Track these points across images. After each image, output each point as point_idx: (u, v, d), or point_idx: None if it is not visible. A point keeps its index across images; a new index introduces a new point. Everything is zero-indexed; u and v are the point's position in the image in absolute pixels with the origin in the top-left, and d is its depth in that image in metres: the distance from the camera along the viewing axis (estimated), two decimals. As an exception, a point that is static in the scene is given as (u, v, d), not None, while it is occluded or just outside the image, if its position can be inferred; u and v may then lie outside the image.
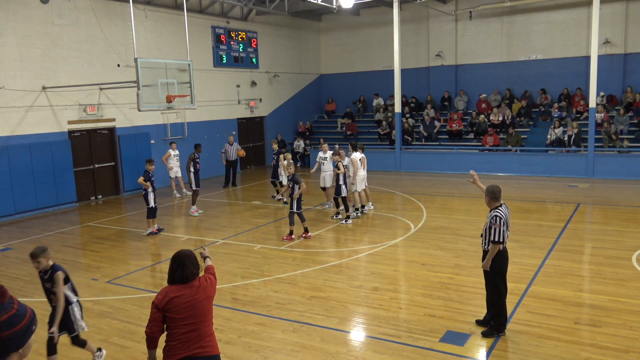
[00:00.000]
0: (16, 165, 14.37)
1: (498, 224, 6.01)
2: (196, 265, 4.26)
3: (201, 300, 4.15)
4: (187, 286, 4.15)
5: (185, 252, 4.28)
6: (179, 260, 4.20)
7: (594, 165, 17.73)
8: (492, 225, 6.06)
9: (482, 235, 6.31)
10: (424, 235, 11.14)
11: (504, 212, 6.15)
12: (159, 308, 4.07)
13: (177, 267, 4.18)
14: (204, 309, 4.16)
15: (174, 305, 4.05)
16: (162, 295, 4.10)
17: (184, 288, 4.13)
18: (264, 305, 7.62)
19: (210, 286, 4.29)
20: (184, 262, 4.18)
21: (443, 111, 23.26)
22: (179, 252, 4.26)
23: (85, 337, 6.04)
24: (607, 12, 19.58)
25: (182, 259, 4.19)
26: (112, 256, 10.57)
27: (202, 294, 4.17)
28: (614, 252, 9.59)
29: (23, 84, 14.47)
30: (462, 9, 22.49)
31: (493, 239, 6.04)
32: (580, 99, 20.36)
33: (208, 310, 4.22)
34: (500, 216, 6.06)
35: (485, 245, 6.24)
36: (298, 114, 25.30)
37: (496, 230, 6.01)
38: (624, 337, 6.20)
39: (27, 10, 14.47)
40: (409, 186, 17.44)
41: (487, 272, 6.31)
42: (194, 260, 4.26)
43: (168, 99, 13.85)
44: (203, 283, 4.24)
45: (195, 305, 4.11)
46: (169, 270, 4.24)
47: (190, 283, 4.17)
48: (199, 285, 4.20)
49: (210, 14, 20.38)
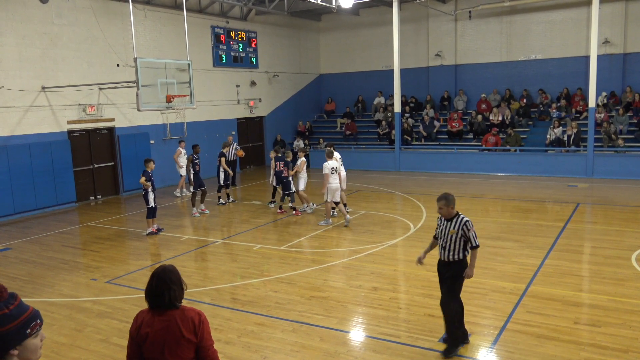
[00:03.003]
0: (16, 165, 14.36)
1: (474, 229, 5.88)
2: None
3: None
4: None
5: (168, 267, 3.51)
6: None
7: (594, 165, 17.74)
8: (469, 230, 5.84)
9: (443, 247, 5.95)
10: (423, 235, 11.13)
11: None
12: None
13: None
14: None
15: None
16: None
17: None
18: (264, 305, 7.62)
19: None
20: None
21: (442, 111, 23.26)
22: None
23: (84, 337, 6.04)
24: (607, 11, 19.58)
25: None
26: (111, 256, 10.56)
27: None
28: (614, 252, 9.59)
29: (22, 83, 14.46)
30: (462, 8, 22.49)
31: (473, 245, 5.85)
32: (580, 99, 20.37)
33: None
34: (470, 221, 5.90)
35: (452, 256, 5.90)
36: (298, 113, 25.30)
37: (474, 236, 5.84)
38: (623, 337, 6.20)
39: (27, 10, 14.46)
40: (408, 186, 17.44)
41: (456, 285, 6.00)
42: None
43: (167, 99, 13.85)
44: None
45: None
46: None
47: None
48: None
49: (209, 13, 20.37)
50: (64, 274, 9.50)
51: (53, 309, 7.75)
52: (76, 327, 7.12)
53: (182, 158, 16.50)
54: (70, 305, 7.93)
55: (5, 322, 2.19)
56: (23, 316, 2.25)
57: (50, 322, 7.17)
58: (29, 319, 2.27)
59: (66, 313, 7.62)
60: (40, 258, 10.58)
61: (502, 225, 11.91)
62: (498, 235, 11.00)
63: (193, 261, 10.16)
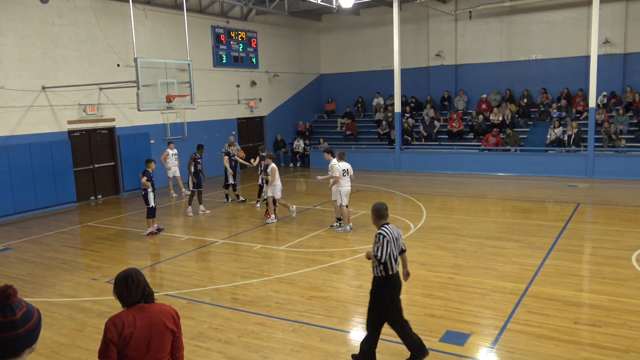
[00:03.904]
0: (16, 165, 14.36)
1: (381, 243, 5.45)
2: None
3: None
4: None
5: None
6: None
7: (594, 165, 17.73)
8: (376, 243, 5.52)
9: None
10: (423, 235, 11.14)
11: (389, 231, 5.57)
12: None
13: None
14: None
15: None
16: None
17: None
18: (264, 305, 7.62)
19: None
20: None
21: (443, 111, 23.26)
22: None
23: (85, 337, 6.04)
24: (607, 12, 19.58)
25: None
26: (111, 256, 10.56)
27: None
28: (614, 252, 9.59)
29: (23, 83, 14.46)
30: (462, 8, 22.49)
31: (375, 254, 5.51)
32: (581, 100, 20.36)
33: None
34: (384, 234, 5.51)
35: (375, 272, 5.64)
36: (298, 113, 25.29)
37: (379, 249, 5.46)
38: (623, 337, 6.20)
39: (27, 10, 14.47)
40: (408, 186, 17.43)
41: (383, 306, 5.66)
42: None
43: (168, 99, 13.84)
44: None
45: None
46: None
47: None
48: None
49: (210, 13, 20.37)
50: (64, 274, 9.50)
51: (53, 309, 7.75)
52: (76, 327, 7.12)
53: (170, 159, 16.54)
54: (70, 305, 7.93)
55: (29, 318, 2.32)
56: (35, 310, 2.38)
57: (51, 322, 7.16)
58: (39, 313, 2.41)
59: (66, 313, 7.62)
60: (40, 258, 10.58)
61: (502, 225, 11.91)
62: (498, 235, 11.00)
63: (193, 261, 10.16)
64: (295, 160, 23.55)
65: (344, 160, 11.97)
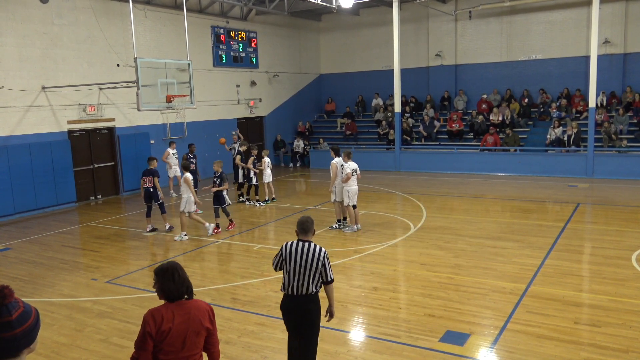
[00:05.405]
0: (16, 165, 14.36)
1: (278, 253, 5.11)
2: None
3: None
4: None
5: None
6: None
7: (594, 165, 17.74)
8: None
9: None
10: (423, 235, 11.14)
11: (293, 249, 5.08)
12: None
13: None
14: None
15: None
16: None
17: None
18: (264, 305, 7.62)
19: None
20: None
21: (443, 111, 23.26)
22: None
23: (84, 337, 6.04)
24: (607, 12, 19.58)
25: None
26: (111, 256, 10.56)
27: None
28: (614, 252, 9.59)
29: (22, 83, 14.46)
30: (462, 8, 22.49)
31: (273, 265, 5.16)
32: (580, 100, 20.36)
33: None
34: (283, 247, 5.10)
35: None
36: (298, 113, 25.29)
37: (274, 257, 5.14)
38: (623, 337, 6.20)
39: (27, 10, 14.46)
40: (408, 186, 17.43)
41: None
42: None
43: (168, 99, 13.85)
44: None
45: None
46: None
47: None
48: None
49: (209, 13, 20.37)
50: (64, 274, 9.50)
51: (53, 309, 7.74)
52: (76, 327, 7.12)
53: (172, 159, 16.53)
54: (70, 305, 7.92)
55: (27, 318, 2.31)
56: (33, 310, 2.36)
57: (50, 322, 7.15)
58: (37, 312, 2.39)
59: (66, 313, 7.62)
60: (40, 258, 10.58)
61: (502, 226, 11.91)
62: (498, 235, 11.00)
63: (193, 261, 10.15)
64: (295, 161, 23.56)
65: (350, 159, 11.59)
